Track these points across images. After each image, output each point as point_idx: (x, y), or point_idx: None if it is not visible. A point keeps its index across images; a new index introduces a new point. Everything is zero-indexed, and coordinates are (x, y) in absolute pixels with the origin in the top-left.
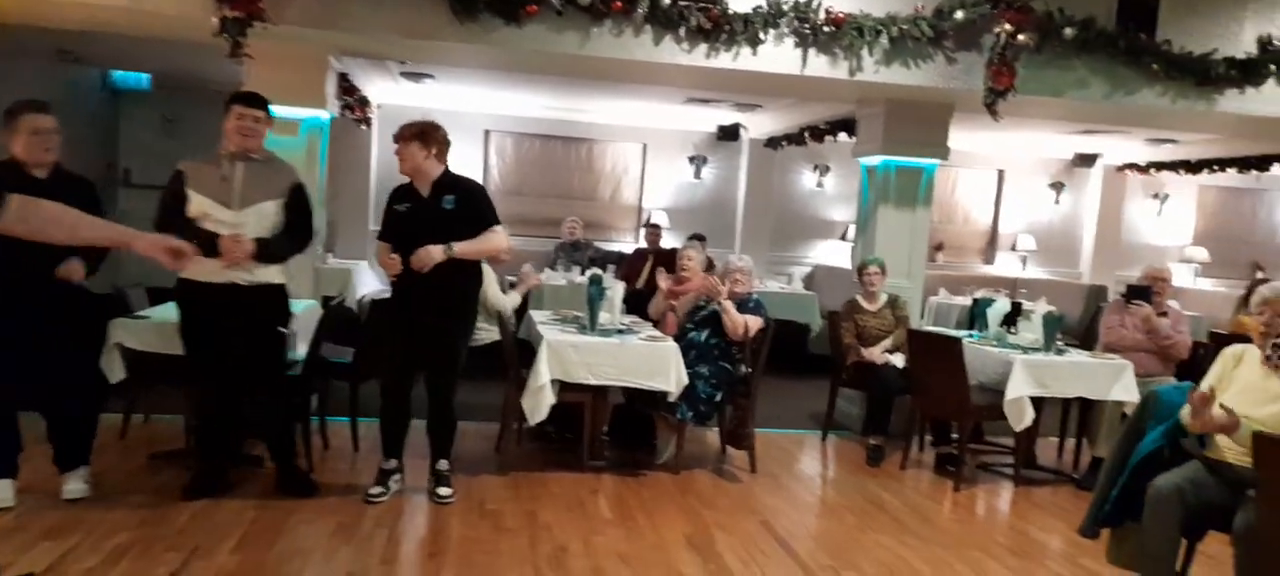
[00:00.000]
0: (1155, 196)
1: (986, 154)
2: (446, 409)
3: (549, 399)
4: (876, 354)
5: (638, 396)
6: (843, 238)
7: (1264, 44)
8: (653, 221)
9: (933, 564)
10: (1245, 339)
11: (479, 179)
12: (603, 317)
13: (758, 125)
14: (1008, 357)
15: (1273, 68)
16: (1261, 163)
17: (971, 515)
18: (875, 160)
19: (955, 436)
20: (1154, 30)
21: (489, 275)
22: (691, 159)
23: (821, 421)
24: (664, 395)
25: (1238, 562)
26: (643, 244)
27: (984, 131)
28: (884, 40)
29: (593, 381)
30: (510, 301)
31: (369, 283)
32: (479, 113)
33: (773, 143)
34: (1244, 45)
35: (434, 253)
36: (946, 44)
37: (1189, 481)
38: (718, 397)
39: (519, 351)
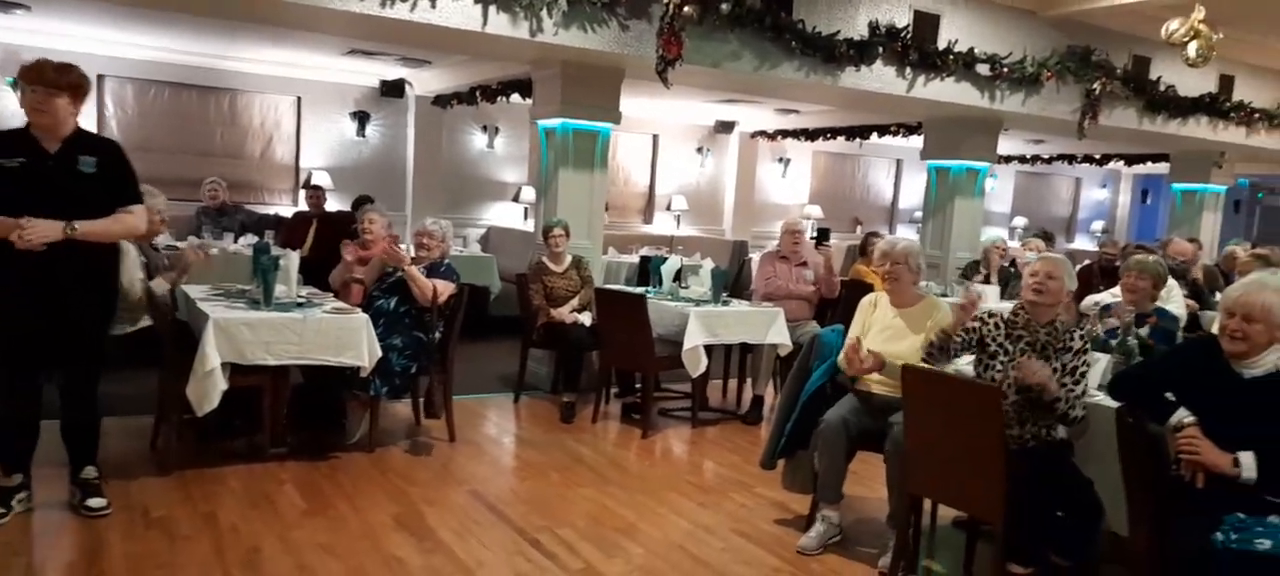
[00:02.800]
0: (780, 161)
1: (642, 119)
2: (89, 407)
3: (220, 384)
4: (565, 314)
5: (322, 374)
6: (515, 199)
7: (872, 28)
8: (314, 182)
9: (635, 509)
10: (866, 284)
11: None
12: (279, 290)
13: (425, 82)
14: (683, 310)
15: (880, 49)
16: (863, 132)
17: (660, 458)
18: (554, 123)
19: (639, 387)
20: (791, 10)
21: (130, 255)
22: (353, 115)
23: (513, 383)
24: (354, 371)
25: (889, 474)
26: (304, 207)
27: (640, 97)
28: (562, 2)
29: (272, 362)
30: (159, 287)
31: None
32: (90, 54)
33: (441, 101)
34: (858, 28)
35: (49, 230)
36: (619, 11)
37: (850, 412)
38: (413, 369)
39: (175, 334)
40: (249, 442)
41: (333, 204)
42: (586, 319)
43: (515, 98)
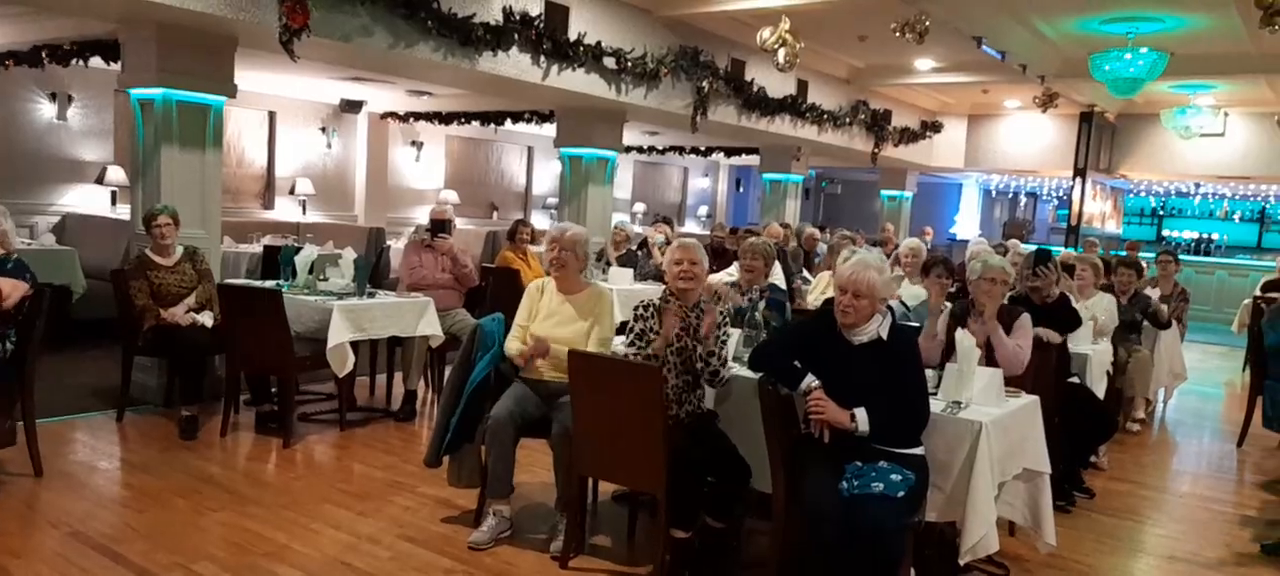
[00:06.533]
0: (413, 144)
1: (255, 93)
2: None
3: None
4: (180, 314)
5: None
6: (99, 181)
7: (507, 13)
8: None
9: (284, 528)
10: (513, 270)
11: None
12: None
13: None
14: (325, 305)
15: (515, 36)
16: (498, 118)
17: (307, 468)
18: (152, 93)
19: (275, 391)
20: None
21: None
22: None
23: (115, 399)
24: None
25: (557, 458)
26: None
27: (252, 70)
28: None
29: None
30: None
31: None
32: None
33: None
34: (493, 13)
35: None
36: None
37: (516, 403)
38: None
39: None
40: None
41: None
42: (207, 318)
43: (96, 61)
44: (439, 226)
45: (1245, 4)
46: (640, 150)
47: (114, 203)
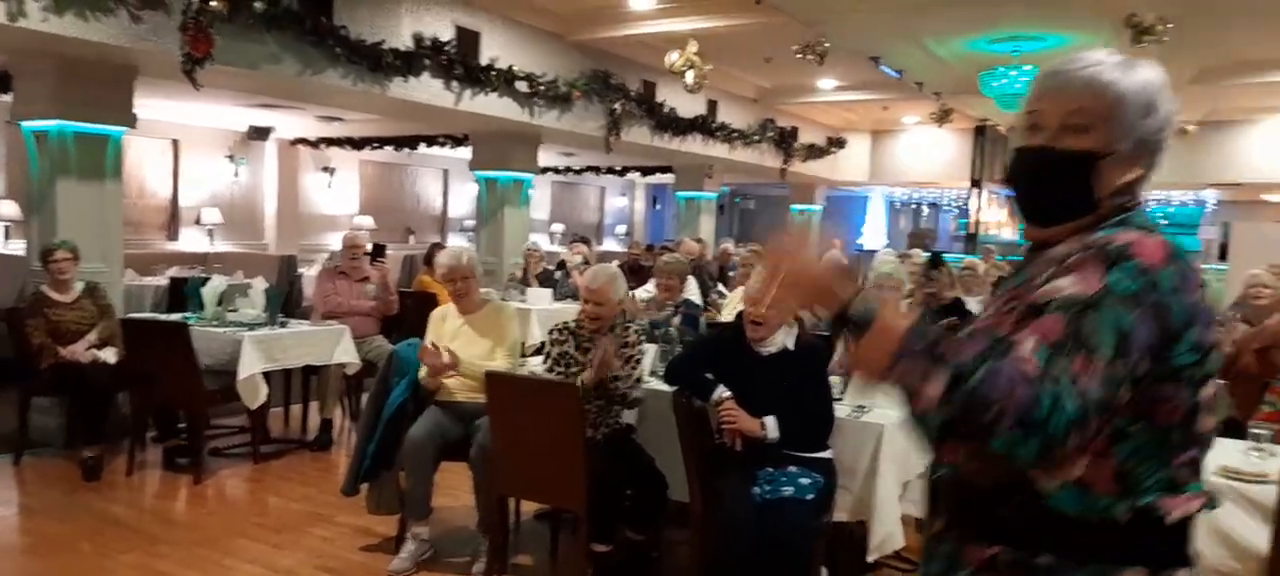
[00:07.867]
0: (326, 170)
1: (158, 122)
2: None
3: None
4: (80, 351)
5: None
6: None
7: (418, 40)
8: None
9: (197, 566)
10: (431, 294)
11: None
12: None
13: None
14: (235, 336)
15: (427, 62)
16: (413, 142)
17: (219, 504)
18: (47, 125)
19: (183, 426)
20: (331, 15)
21: None
22: None
23: (12, 442)
24: None
25: (476, 480)
26: None
27: (153, 98)
28: None
29: None
30: None
31: None
32: None
33: None
34: (403, 39)
35: None
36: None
37: (435, 425)
38: None
39: None
40: None
41: None
42: (110, 355)
43: None
44: (378, 250)
45: (1118, 25)
46: (557, 171)
47: (6, 238)
